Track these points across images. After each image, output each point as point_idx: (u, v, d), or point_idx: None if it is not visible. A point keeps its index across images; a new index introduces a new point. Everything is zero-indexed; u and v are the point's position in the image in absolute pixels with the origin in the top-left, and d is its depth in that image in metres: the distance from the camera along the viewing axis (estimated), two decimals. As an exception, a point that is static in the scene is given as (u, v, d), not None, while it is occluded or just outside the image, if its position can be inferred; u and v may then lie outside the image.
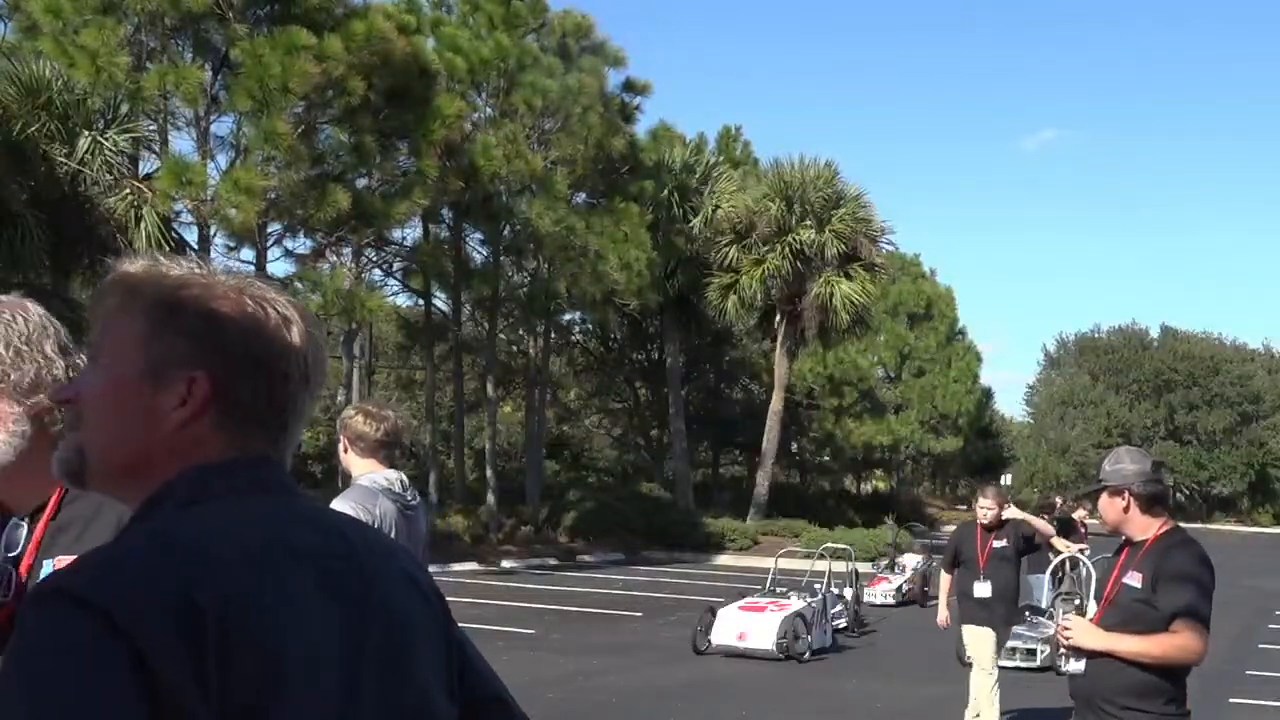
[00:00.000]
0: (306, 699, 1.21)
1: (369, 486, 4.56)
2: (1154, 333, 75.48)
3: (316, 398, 1.43)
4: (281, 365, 1.35)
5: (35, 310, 2.01)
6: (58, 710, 1.10)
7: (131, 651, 1.12)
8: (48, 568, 1.89)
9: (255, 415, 1.35)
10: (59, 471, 1.39)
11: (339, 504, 4.40)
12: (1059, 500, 19.43)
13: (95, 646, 1.12)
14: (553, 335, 33.87)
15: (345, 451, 4.75)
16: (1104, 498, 4.61)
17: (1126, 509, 4.54)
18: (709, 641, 13.77)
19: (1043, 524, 16.76)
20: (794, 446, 47.85)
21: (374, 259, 29.52)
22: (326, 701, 1.23)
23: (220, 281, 1.37)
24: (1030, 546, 10.27)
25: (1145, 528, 4.52)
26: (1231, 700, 12.20)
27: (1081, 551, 17.13)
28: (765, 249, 32.32)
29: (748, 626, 13.82)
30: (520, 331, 33.52)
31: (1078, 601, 16.35)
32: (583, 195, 29.39)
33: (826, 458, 51.62)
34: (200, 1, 19.47)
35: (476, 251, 29.71)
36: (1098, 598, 4.60)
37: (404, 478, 4.72)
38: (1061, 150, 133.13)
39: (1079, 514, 18.20)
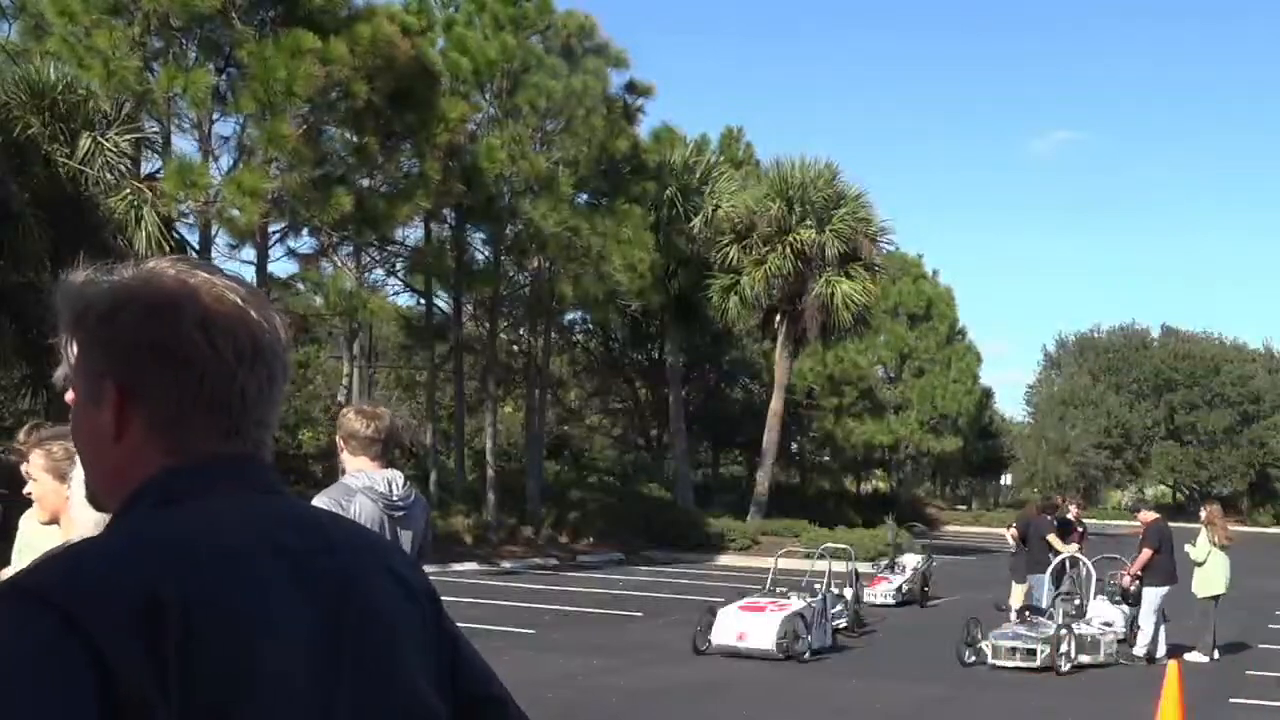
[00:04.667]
0: (277, 698, 1.19)
1: (349, 484, 4.56)
2: (1154, 333, 75.53)
3: (275, 377, 1.35)
4: (188, 349, 1.29)
5: None
6: (7, 708, 1.08)
7: (89, 649, 1.10)
8: None
9: (183, 407, 1.29)
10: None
11: (317, 501, 4.41)
12: (1061, 500, 19.36)
13: (51, 644, 1.10)
14: (554, 335, 33.88)
15: (341, 450, 4.79)
16: None
17: None
18: (709, 641, 13.77)
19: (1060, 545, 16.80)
20: (794, 446, 47.87)
21: (376, 259, 29.54)
22: (299, 700, 1.21)
23: (126, 279, 1.32)
24: None
25: None
26: (1231, 700, 12.21)
27: (1081, 550, 17.19)
28: (766, 249, 32.32)
29: (748, 626, 13.82)
30: (521, 331, 33.52)
31: (1077, 601, 16.35)
32: (585, 196, 29.42)
33: (826, 458, 51.64)
34: (210, 3, 19.48)
35: (479, 251, 29.74)
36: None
37: (397, 477, 4.68)
38: (1068, 152, 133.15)
39: (1073, 513, 18.18)
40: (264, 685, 1.19)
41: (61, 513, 3.18)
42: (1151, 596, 14.77)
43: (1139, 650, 14.50)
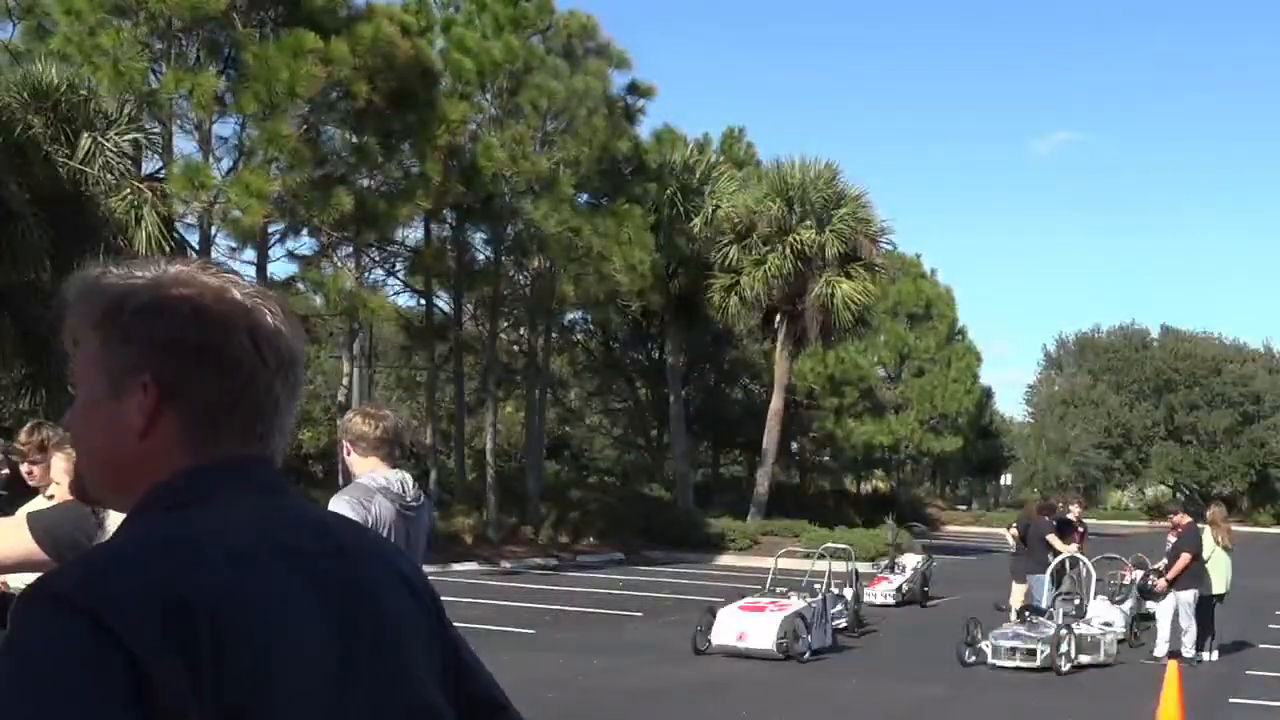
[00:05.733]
0: (295, 697, 1.20)
1: (367, 485, 4.59)
2: (1154, 333, 75.53)
3: (298, 385, 1.37)
4: (236, 353, 1.30)
5: None
6: (48, 713, 1.09)
7: (122, 652, 1.11)
8: None
9: (221, 409, 1.31)
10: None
11: (336, 502, 4.47)
12: (1059, 502, 19.35)
13: (84, 647, 1.11)
14: (554, 335, 33.89)
15: (348, 454, 4.81)
16: None
17: None
18: (709, 641, 13.77)
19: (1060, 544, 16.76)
20: (794, 446, 47.84)
21: (376, 259, 29.55)
22: (315, 700, 1.23)
23: (165, 276, 1.32)
24: None
25: None
26: (1231, 700, 12.21)
27: (1081, 550, 17.18)
28: (766, 249, 32.33)
29: (748, 626, 13.82)
30: (521, 331, 33.53)
31: (1077, 601, 16.32)
32: (586, 196, 29.43)
33: (826, 458, 51.61)
34: (214, 4, 19.48)
35: (479, 251, 29.76)
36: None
37: (406, 478, 4.73)
38: (1069, 153, 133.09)
39: (1074, 513, 18.16)
40: (283, 687, 1.20)
41: None
42: (1187, 599, 14.71)
43: (1188, 651, 14.40)
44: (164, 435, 1.30)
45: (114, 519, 2.73)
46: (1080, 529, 17.86)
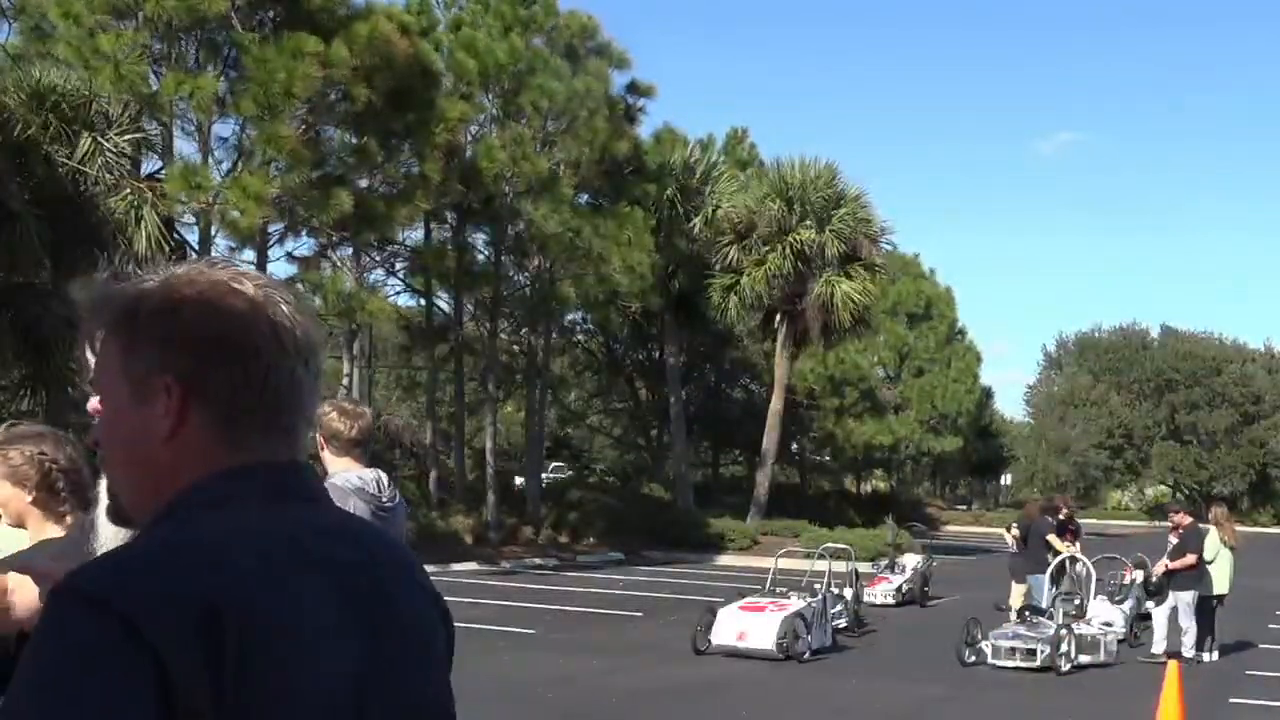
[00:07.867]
0: (319, 707, 1.21)
1: (341, 487, 4.39)
2: (1154, 333, 75.50)
3: (321, 372, 1.37)
4: (256, 342, 1.29)
5: None
6: (72, 708, 1.09)
7: (150, 653, 1.11)
8: None
9: (247, 404, 1.29)
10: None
11: None
12: (1060, 504, 19.34)
13: (112, 650, 1.11)
14: (554, 335, 33.91)
15: (321, 450, 4.60)
16: None
17: None
18: (709, 641, 13.77)
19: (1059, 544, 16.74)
20: (794, 446, 47.84)
21: (376, 259, 29.55)
22: (340, 710, 1.23)
23: (175, 276, 1.32)
24: None
25: None
26: (1231, 700, 12.21)
27: (1080, 550, 17.19)
28: (766, 249, 32.33)
29: (748, 626, 13.83)
30: (522, 332, 33.57)
31: (1077, 601, 16.31)
32: (586, 197, 29.44)
33: (826, 458, 51.60)
34: (215, 5, 19.47)
35: (479, 252, 29.76)
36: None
37: (382, 477, 4.56)
38: (1072, 153, 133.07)
39: (1063, 513, 18.16)
40: (308, 695, 1.20)
41: (26, 517, 3.13)
42: (1186, 599, 14.70)
43: (1188, 652, 14.39)
44: (192, 437, 1.29)
45: (105, 546, 2.67)
46: (1072, 528, 17.85)
